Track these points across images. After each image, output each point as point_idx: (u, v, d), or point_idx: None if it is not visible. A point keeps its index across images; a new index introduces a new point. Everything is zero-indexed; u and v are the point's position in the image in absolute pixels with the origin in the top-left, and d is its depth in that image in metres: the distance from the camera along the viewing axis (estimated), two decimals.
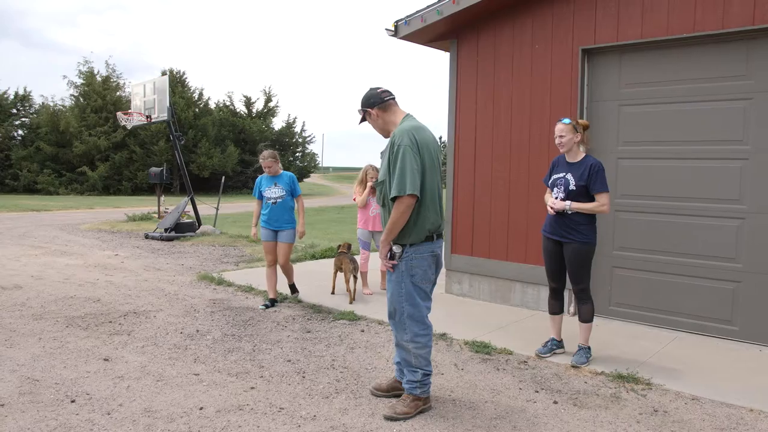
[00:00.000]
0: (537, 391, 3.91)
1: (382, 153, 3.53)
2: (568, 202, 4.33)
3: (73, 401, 3.60)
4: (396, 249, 3.36)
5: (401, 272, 3.39)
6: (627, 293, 5.55)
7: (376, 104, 3.51)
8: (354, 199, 6.88)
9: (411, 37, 6.62)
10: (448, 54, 6.81)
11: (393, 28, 6.56)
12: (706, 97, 5.05)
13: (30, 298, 6.35)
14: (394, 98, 3.55)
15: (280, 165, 6.20)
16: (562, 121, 4.43)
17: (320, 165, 69.87)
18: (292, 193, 6.17)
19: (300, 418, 3.41)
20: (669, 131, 5.26)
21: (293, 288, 6.55)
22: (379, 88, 3.55)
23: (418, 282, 3.39)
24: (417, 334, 3.41)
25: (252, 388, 3.87)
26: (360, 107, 3.59)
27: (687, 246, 5.19)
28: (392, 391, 3.72)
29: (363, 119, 3.61)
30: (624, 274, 5.55)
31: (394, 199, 3.29)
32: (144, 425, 3.30)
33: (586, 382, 4.09)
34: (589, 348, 4.52)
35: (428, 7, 6.20)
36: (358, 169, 7.17)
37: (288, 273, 6.41)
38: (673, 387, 3.97)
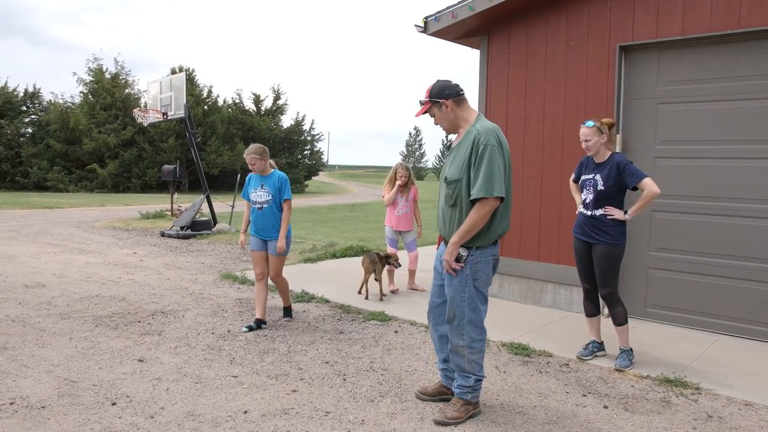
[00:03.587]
0: (585, 395, 3.82)
1: (451, 149, 3.39)
2: (628, 213, 4.25)
3: (113, 404, 3.53)
4: (462, 252, 3.24)
5: (465, 276, 3.27)
6: (664, 295, 5.44)
7: (452, 96, 3.32)
8: (383, 197, 6.81)
9: (440, 34, 6.52)
10: (463, 50, 6.73)
11: (422, 24, 6.47)
12: (750, 95, 4.93)
13: (55, 297, 6.30)
14: (464, 94, 3.40)
15: (269, 163, 5.27)
16: (586, 125, 4.35)
17: (327, 163, 69.86)
18: (280, 197, 5.22)
19: (348, 423, 3.33)
20: (710, 130, 5.15)
21: (287, 312, 5.58)
22: (451, 81, 3.37)
23: (480, 286, 3.29)
24: (474, 339, 3.32)
25: (294, 390, 3.79)
26: (428, 97, 3.35)
27: (727, 247, 5.08)
28: (439, 395, 3.63)
29: (425, 111, 3.38)
30: (661, 276, 5.44)
31: (473, 201, 3.17)
32: (190, 429, 3.22)
33: (633, 386, 3.99)
34: (630, 350, 4.43)
35: (460, 2, 6.10)
36: (364, 168, 7.12)
37: (282, 291, 5.52)
38: (724, 392, 3.87)
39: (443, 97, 3.32)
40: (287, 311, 5.60)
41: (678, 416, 3.52)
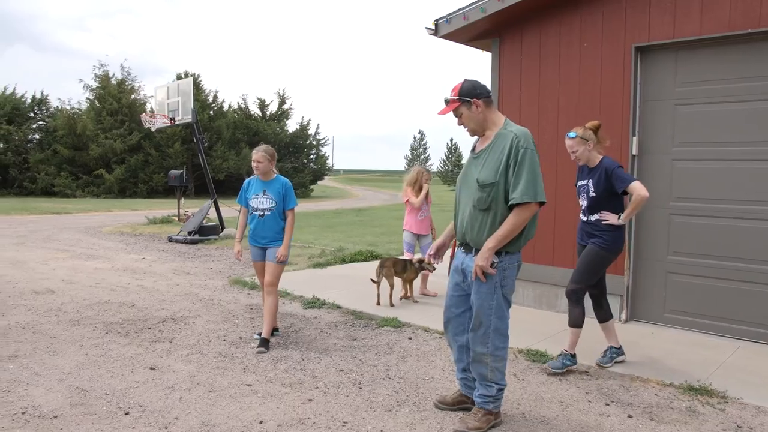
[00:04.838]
0: (608, 404, 3.72)
1: (480, 152, 3.27)
2: (621, 218, 4.23)
3: (126, 413, 3.46)
4: (494, 258, 3.15)
5: (494, 283, 3.17)
6: (683, 300, 5.33)
7: (483, 96, 3.22)
8: (406, 201, 6.72)
9: (451, 36, 6.44)
10: (471, 53, 6.65)
11: (433, 27, 6.40)
12: None
13: (64, 303, 6.24)
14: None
15: (274, 168, 4.97)
16: (569, 136, 4.36)
17: (332, 167, 69.89)
18: (285, 205, 4.89)
19: None
20: (730, 132, 5.04)
21: (264, 342, 4.75)
22: (480, 81, 3.27)
23: (507, 293, 3.21)
24: (498, 348, 3.23)
25: (309, 400, 3.71)
26: (457, 95, 3.23)
27: (748, 251, 4.97)
28: (458, 404, 3.53)
29: (452, 110, 3.27)
30: (680, 280, 5.34)
31: (512, 206, 3.10)
32: None
33: (656, 394, 3.89)
34: (567, 354, 4.30)
35: (471, 4, 6.03)
36: (369, 172, 7.03)
37: (269, 311, 4.82)
38: (752, 401, 3.76)
39: (474, 96, 3.22)
40: (264, 342, 4.75)
41: (706, 426, 3.42)
